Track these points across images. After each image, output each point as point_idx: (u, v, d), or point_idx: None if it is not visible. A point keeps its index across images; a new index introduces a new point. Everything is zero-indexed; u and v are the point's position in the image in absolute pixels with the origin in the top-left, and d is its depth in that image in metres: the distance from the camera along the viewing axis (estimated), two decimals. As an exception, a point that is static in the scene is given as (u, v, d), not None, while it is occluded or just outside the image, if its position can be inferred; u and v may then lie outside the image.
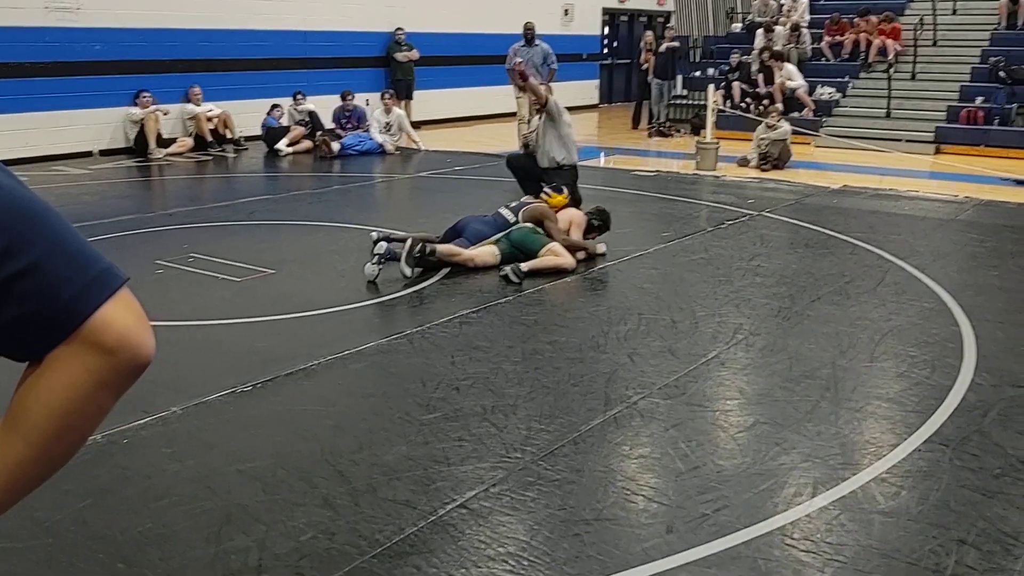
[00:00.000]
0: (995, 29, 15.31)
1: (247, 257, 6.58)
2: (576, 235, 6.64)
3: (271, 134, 12.65)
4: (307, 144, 12.58)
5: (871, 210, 8.76)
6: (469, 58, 16.30)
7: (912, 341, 4.92)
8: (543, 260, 6.23)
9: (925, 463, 3.48)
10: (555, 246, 6.33)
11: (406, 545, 2.88)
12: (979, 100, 13.41)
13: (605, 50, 21.36)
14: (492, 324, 5.18)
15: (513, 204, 6.83)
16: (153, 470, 3.33)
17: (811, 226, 7.90)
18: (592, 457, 3.50)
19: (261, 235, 7.64)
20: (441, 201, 9.51)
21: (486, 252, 6.42)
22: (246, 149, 12.71)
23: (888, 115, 13.94)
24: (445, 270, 6.25)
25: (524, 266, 6.08)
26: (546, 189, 7.06)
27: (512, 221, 6.58)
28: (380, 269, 5.97)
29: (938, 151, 12.93)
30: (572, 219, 6.73)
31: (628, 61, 21.03)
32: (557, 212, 6.75)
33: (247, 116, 12.96)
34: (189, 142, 12.35)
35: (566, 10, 19.49)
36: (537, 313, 5.47)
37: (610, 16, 21.28)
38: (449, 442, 3.61)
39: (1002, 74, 13.60)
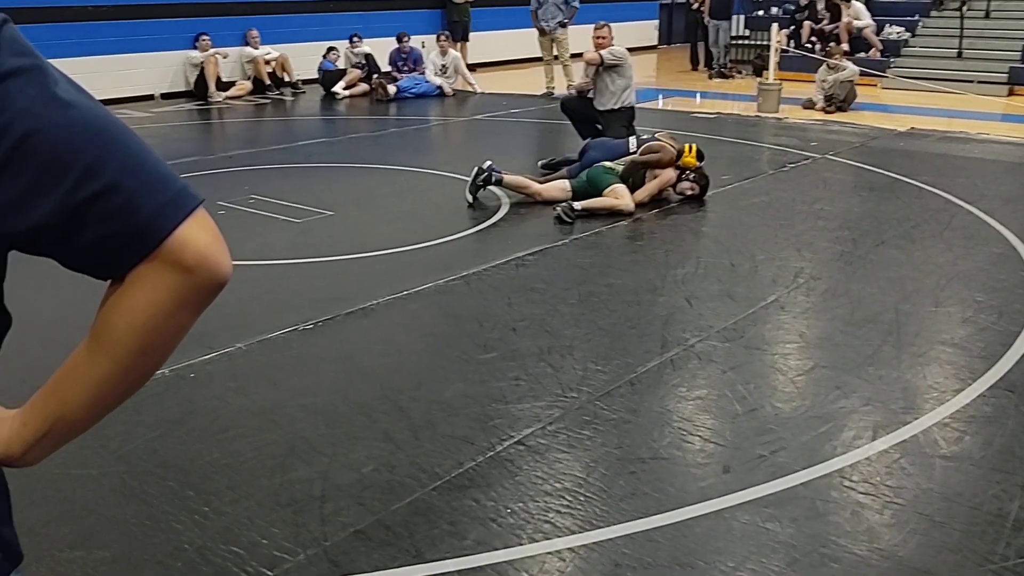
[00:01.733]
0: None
1: (306, 199, 6.64)
2: (652, 187, 6.49)
3: (328, 77, 12.67)
4: (363, 87, 12.58)
5: (939, 153, 8.50)
6: (526, -1, 16.05)
7: (979, 286, 4.80)
8: (601, 200, 6.21)
9: (990, 409, 3.42)
10: (619, 188, 6.27)
11: (465, 479, 2.93)
12: (1057, 38, 12.83)
13: (664, -11, 20.85)
14: (548, 266, 5.18)
15: (645, 136, 6.81)
16: (219, 403, 3.43)
17: (876, 169, 7.70)
18: (648, 398, 3.51)
19: (319, 177, 7.70)
20: (496, 144, 9.47)
21: (555, 187, 6.45)
22: (303, 92, 12.76)
23: (959, 55, 13.40)
24: (506, 207, 6.28)
25: (578, 204, 6.07)
26: (690, 145, 6.73)
27: (632, 151, 6.59)
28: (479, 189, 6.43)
29: (1011, 92, 12.44)
30: (664, 175, 6.53)
31: (687, 1, 20.53)
32: (668, 165, 6.54)
33: (304, 59, 12.99)
34: (248, 85, 12.44)
35: (625, -52, 19.01)
36: (593, 255, 5.45)
37: (670, -46, 20.72)
38: (506, 381, 3.64)
39: (1083, 11, 12.97)
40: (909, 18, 14.72)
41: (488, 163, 6.54)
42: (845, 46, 12.69)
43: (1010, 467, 2.99)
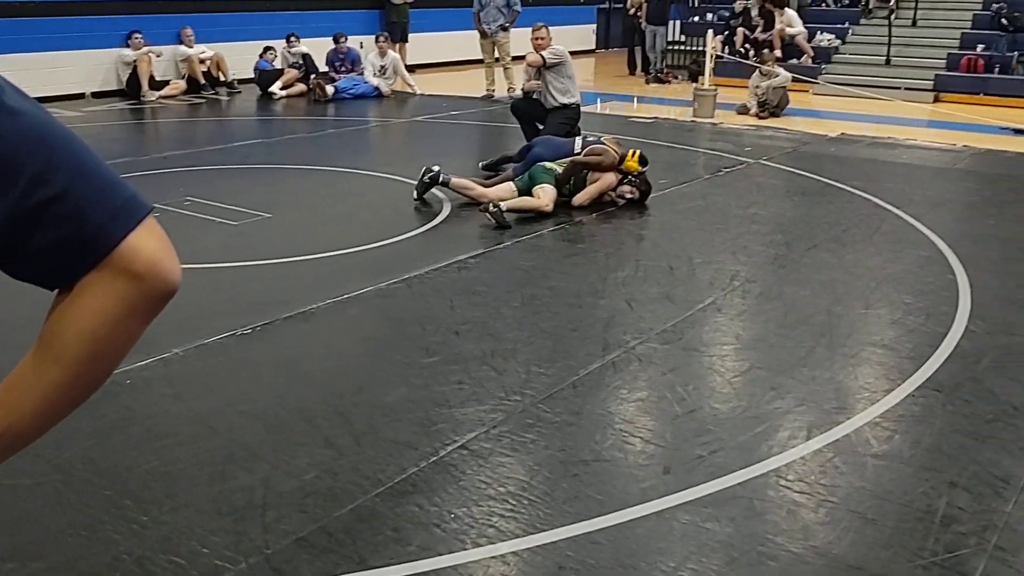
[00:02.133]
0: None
1: (243, 201, 6.55)
2: (593, 191, 6.53)
3: (264, 77, 12.51)
4: (301, 87, 12.45)
5: (868, 158, 8.74)
6: (465, 0, 16.04)
7: (907, 289, 4.95)
8: (522, 200, 6.30)
9: (918, 408, 3.53)
10: (545, 188, 6.33)
11: (408, 484, 2.93)
12: (980, 48, 13.29)
13: (602, -7, 21.03)
14: (490, 269, 5.20)
15: (591, 139, 6.86)
16: (156, 410, 3.37)
17: (808, 174, 7.89)
18: (590, 400, 3.55)
19: (256, 178, 7.61)
20: (437, 145, 9.46)
21: (501, 189, 6.48)
22: (239, 92, 12.57)
23: (888, 62, 13.81)
24: (448, 210, 6.30)
25: (504, 205, 6.12)
26: (633, 150, 6.81)
27: (576, 152, 6.64)
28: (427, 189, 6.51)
29: (937, 99, 12.85)
30: (605, 179, 6.57)
31: (624, 6, 20.74)
32: (608, 169, 6.60)
33: (240, 58, 12.80)
34: (182, 84, 12.22)
35: (563, -48, 19.14)
36: (535, 259, 5.48)
37: (608, -41, 20.92)
38: (449, 385, 3.64)
39: (1004, 21, 13.46)
40: (840, 26, 15.10)
41: (436, 166, 6.56)
42: (778, 52, 12.97)
43: (938, 465, 3.10)
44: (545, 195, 6.30)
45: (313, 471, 2.99)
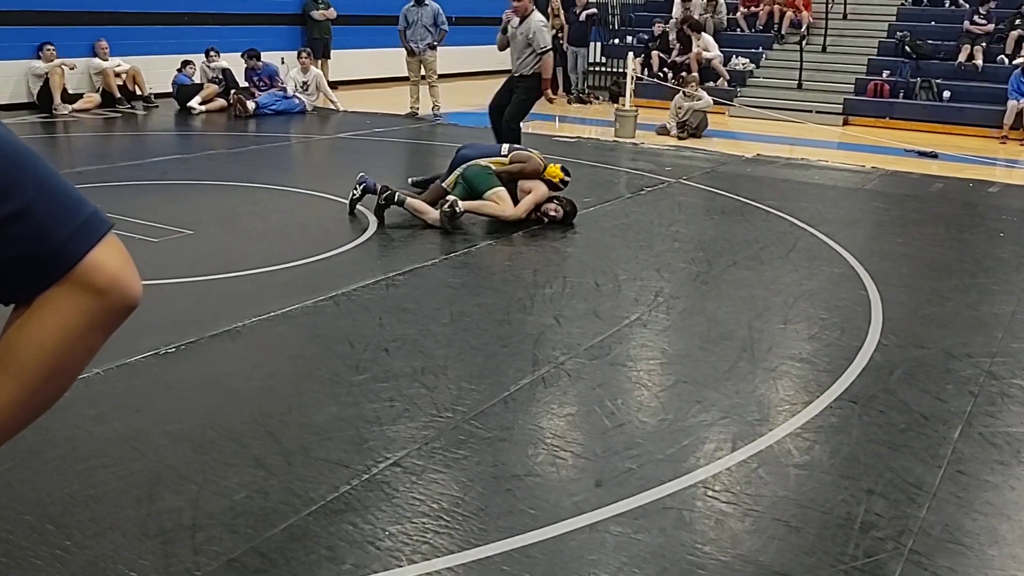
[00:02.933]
0: (901, 4, 15.84)
1: (163, 217, 6.42)
2: (528, 202, 6.58)
3: (183, 91, 12.29)
4: (221, 103, 12.26)
5: (783, 179, 9.03)
6: (387, 18, 16.01)
7: (823, 305, 5.13)
8: (485, 204, 6.33)
9: (836, 419, 3.66)
10: (503, 192, 6.40)
11: (341, 503, 2.91)
12: (885, 73, 13.88)
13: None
14: (418, 286, 5.20)
15: (516, 146, 6.97)
16: (77, 432, 3.27)
17: (726, 193, 8.11)
18: (522, 416, 3.58)
19: (176, 195, 7.46)
20: (360, 162, 9.41)
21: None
22: (156, 107, 12.32)
23: (799, 86, 14.31)
24: (373, 227, 6.30)
25: (463, 204, 6.17)
26: (554, 161, 6.96)
27: (503, 153, 6.73)
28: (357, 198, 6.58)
29: (846, 122, 13.36)
30: (538, 190, 6.66)
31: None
32: (536, 178, 6.69)
33: (157, 72, 12.55)
34: (96, 98, 11.91)
35: (485, -28, 19.31)
36: (463, 276, 5.50)
37: (529, -20, 21.15)
38: (380, 402, 3.63)
39: (907, 48, 14.09)
40: (754, 50, 15.59)
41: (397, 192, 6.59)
42: (696, 75, 13.28)
43: (856, 473, 3.22)
44: (506, 199, 6.40)
45: (243, 491, 2.94)
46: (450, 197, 6.31)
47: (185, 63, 12.49)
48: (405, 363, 4.03)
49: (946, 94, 13.26)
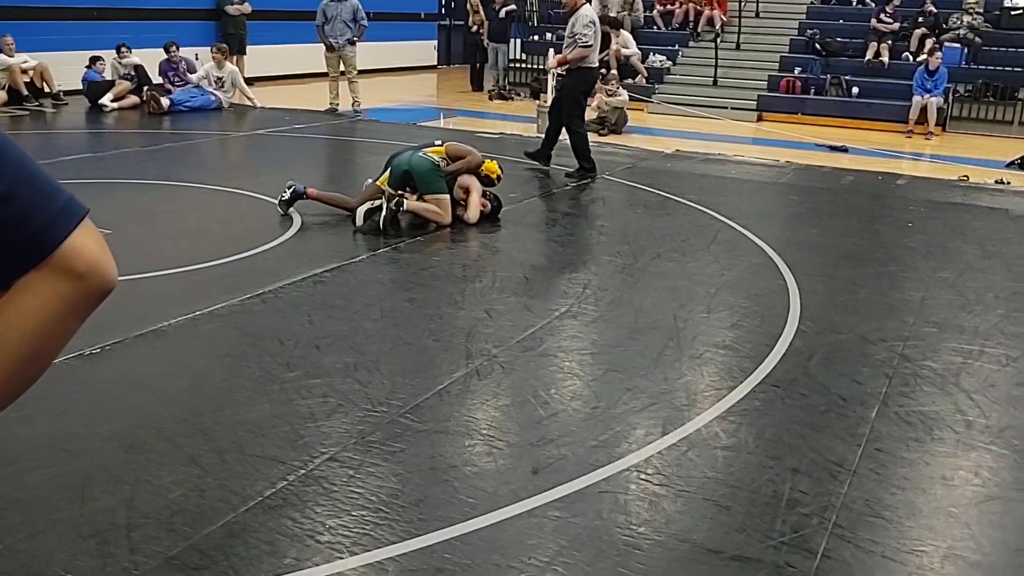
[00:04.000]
0: (811, 3, 16.34)
1: (80, 217, 6.23)
2: (475, 205, 6.58)
3: (93, 88, 11.93)
4: (134, 99, 11.96)
5: (701, 173, 9.25)
6: (304, 13, 15.83)
7: (743, 294, 5.29)
8: (426, 208, 6.31)
9: (760, 403, 3.79)
10: (446, 200, 6.39)
11: (279, 499, 2.90)
12: (797, 70, 14.31)
13: (443, 10, 21.27)
14: (348, 283, 5.18)
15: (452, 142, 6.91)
16: (5, 434, 3.18)
17: (648, 188, 8.27)
18: (457, 408, 3.61)
19: (91, 194, 7.18)
20: (281, 159, 9.30)
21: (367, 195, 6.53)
22: (66, 104, 11.95)
23: (715, 83, 14.64)
24: (298, 224, 6.24)
25: (407, 203, 6.20)
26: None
27: (437, 143, 6.68)
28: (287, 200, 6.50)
29: (760, 118, 13.73)
30: (476, 187, 6.65)
31: (465, 23, 21.05)
32: (473, 174, 6.68)
33: (65, 69, 12.17)
34: (2, 95, 11.48)
35: (403, -32, 19.25)
36: (392, 272, 5.50)
37: (447, -24, 21.19)
38: (314, 399, 3.62)
39: (818, 46, 14.56)
40: (671, 48, 15.89)
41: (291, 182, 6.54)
42: (615, 72, 13.48)
43: (780, 454, 3.34)
44: (447, 208, 6.37)
45: (178, 489, 2.91)
46: (394, 200, 6.22)
47: (95, 59, 12.12)
48: (337, 359, 4.02)
49: (855, 90, 13.74)
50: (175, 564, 2.54)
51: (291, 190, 6.47)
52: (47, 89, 11.91)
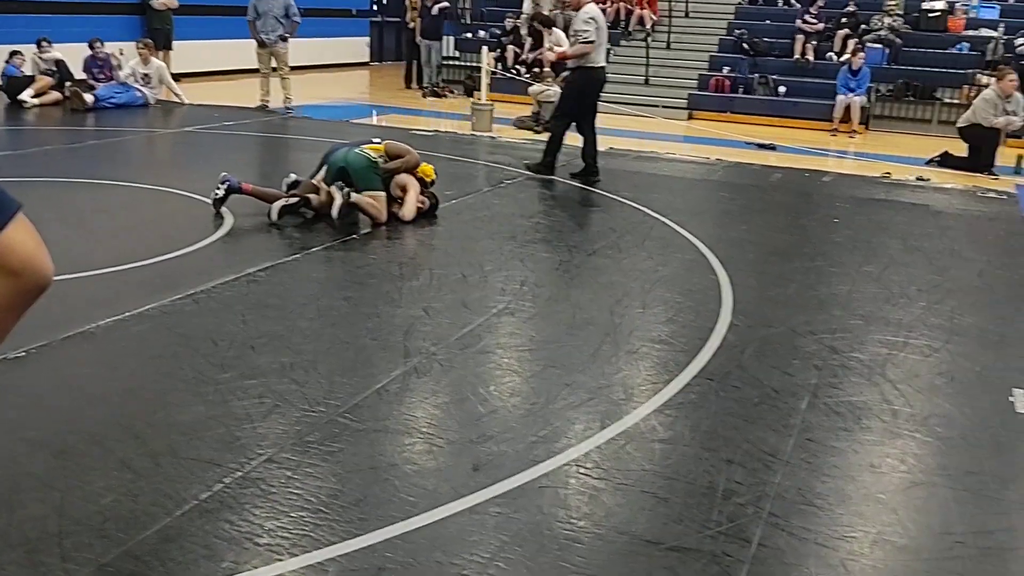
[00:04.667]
0: (739, 4, 16.64)
1: None
2: (412, 202, 6.55)
3: (13, 84, 11.57)
4: (56, 95, 11.61)
5: (634, 171, 9.35)
6: (233, 8, 15.55)
7: (677, 289, 5.37)
8: (369, 204, 6.29)
9: (695, 396, 3.86)
10: (382, 196, 6.38)
11: (215, 502, 2.85)
12: (726, 70, 14.56)
13: (375, 7, 21.10)
14: (282, 282, 5.11)
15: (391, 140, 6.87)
16: (-77, 443, 3.07)
17: (582, 186, 8.33)
18: (396, 407, 3.60)
19: (12, 193, 7.01)
20: (211, 156, 9.14)
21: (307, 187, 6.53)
22: (-17, 100, 11.55)
23: (647, 82, 14.82)
24: (231, 222, 6.15)
25: (353, 197, 6.20)
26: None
27: (377, 141, 6.63)
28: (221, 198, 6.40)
29: (691, 116, 13.94)
30: (414, 185, 6.62)
31: (398, 20, 20.92)
32: (411, 174, 6.65)
33: (-19, 63, 11.77)
34: (-87, 90, 11.05)
35: (334, -36, 19.04)
36: (327, 270, 5.45)
37: (379, -28, 21.02)
38: (249, 400, 3.57)
39: (745, 46, 14.84)
40: (602, 46, 15.98)
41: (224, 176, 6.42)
42: (550, 69, 13.54)
43: (715, 446, 3.41)
44: (381, 205, 6.35)
45: (111, 495, 2.84)
46: (345, 189, 6.20)
47: (14, 53, 11.73)
48: (273, 359, 3.97)
49: (782, 89, 14.04)
50: (108, 571, 2.48)
51: (225, 185, 6.35)
52: (-37, 84, 11.50)
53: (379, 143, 6.60)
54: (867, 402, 3.86)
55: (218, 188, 6.36)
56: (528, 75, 14.10)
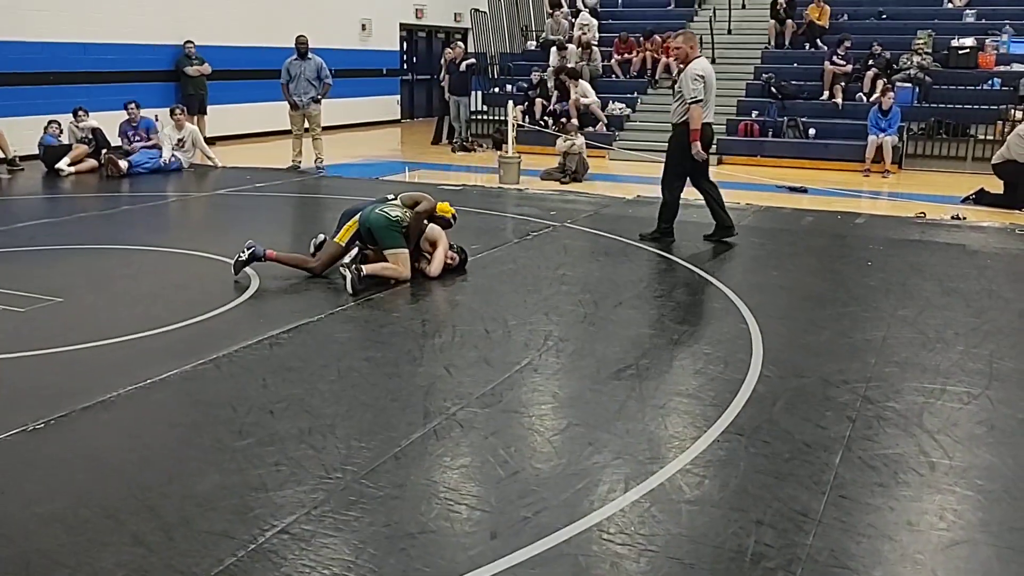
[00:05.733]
0: (765, 48, 16.63)
1: (30, 285, 6.12)
2: (440, 258, 6.51)
3: (50, 153, 11.83)
4: (92, 163, 11.87)
5: (663, 218, 9.25)
6: (264, 72, 15.87)
7: (706, 339, 5.26)
8: (385, 267, 6.24)
9: (724, 452, 3.73)
10: (403, 255, 6.32)
11: (226, 576, 2.78)
12: (754, 114, 14.52)
13: (404, 65, 21.44)
14: (304, 343, 5.08)
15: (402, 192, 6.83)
16: (-66, 521, 3.05)
17: (609, 235, 8.27)
18: (414, 471, 3.52)
19: (45, 261, 7.13)
20: (242, 219, 9.23)
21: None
22: (22, 169, 11.83)
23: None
24: (256, 284, 6.16)
25: (366, 268, 6.14)
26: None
27: (390, 197, 6.61)
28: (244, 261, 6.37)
29: (720, 161, 13.86)
30: (443, 240, 6.60)
31: (428, 77, 21.22)
32: (432, 220, 6.63)
33: (22, 134, 12.08)
34: (-44, 163, 11.36)
35: (363, 25, 19.41)
36: (350, 330, 5.41)
37: (408, 32, 21.39)
38: (265, 467, 3.51)
39: (773, 90, 14.80)
40: (630, 95, 16.09)
41: (250, 242, 6.42)
42: (575, 121, 13.62)
43: (745, 505, 3.27)
44: (406, 263, 6.31)
45: (121, 571, 2.78)
46: (353, 266, 6.12)
47: (51, 123, 12.03)
48: (291, 424, 3.91)
49: (811, 131, 13.95)
50: (113, 654, 2.41)
51: (249, 251, 6.37)
52: (2, 155, 11.78)
53: (393, 198, 6.60)
54: (903, 455, 3.71)
55: (242, 252, 6.38)
56: (555, 127, 14.16)
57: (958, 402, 4.29)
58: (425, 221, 6.55)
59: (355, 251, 6.34)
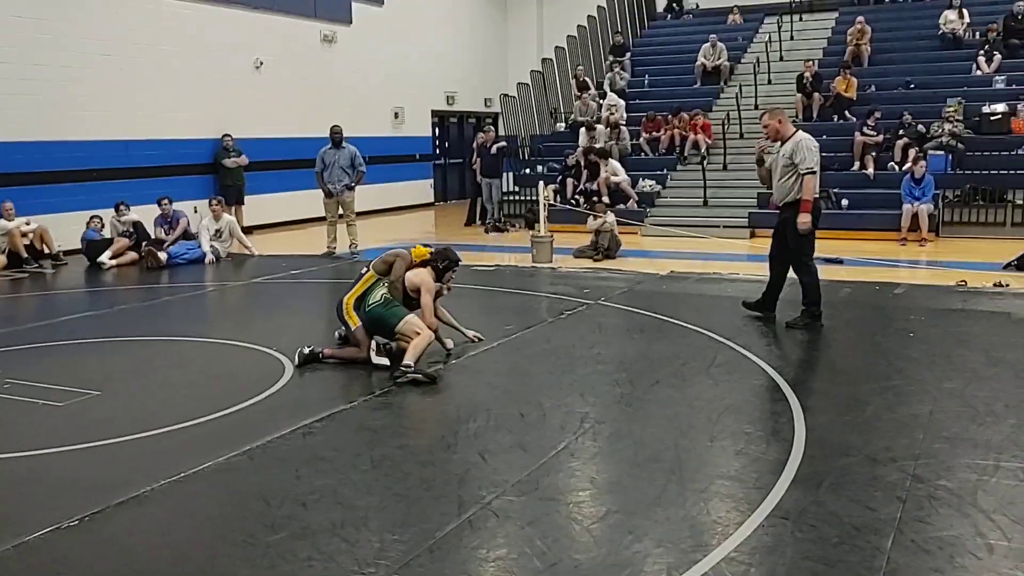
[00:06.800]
0: (793, 120, 16.67)
1: (70, 379, 6.17)
2: (428, 302, 6.55)
3: (92, 247, 12.10)
4: (132, 256, 12.10)
5: (697, 293, 9.21)
6: (299, 162, 16.22)
7: (746, 418, 5.14)
8: (414, 346, 6.14)
9: (769, 538, 3.60)
10: (412, 319, 6.33)
11: None
12: (785, 187, 14.45)
13: (437, 150, 21.82)
14: (337, 432, 5.04)
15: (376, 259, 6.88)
16: (-36, 627, 3.00)
17: (644, 312, 8.20)
18: (449, 564, 3.42)
19: (85, 354, 7.20)
20: (276, 306, 9.30)
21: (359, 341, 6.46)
22: (65, 264, 12.09)
23: (705, 203, 14.83)
24: (289, 373, 6.17)
25: (395, 347, 6.19)
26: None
27: (363, 272, 6.66)
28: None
29: (753, 235, 13.80)
30: (427, 282, 6.61)
31: (460, 160, 21.55)
32: (413, 266, 6.68)
33: (66, 229, 12.40)
34: (2, 260, 11.62)
35: (396, 113, 19.84)
36: (383, 417, 5.37)
37: (439, 118, 21.82)
38: (297, 563, 3.44)
39: (802, 162, 14.75)
40: (659, 172, 16.18)
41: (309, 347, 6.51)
42: (606, 199, 13.70)
43: (793, 594, 3.14)
44: (421, 325, 6.32)
45: (148, 678, 2.71)
46: (385, 345, 6.19)
47: (93, 218, 12.33)
48: (324, 517, 3.85)
49: (844, 202, 13.87)
50: None
51: (309, 350, 6.44)
52: (46, 251, 12.06)
53: (366, 273, 6.66)
54: (959, 536, 3.55)
55: (304, 348, 6.43)
56: (586, 205, 14.23)
57: (1013, 479, 4.12)
58: (406, 272, 6.60)
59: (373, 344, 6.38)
